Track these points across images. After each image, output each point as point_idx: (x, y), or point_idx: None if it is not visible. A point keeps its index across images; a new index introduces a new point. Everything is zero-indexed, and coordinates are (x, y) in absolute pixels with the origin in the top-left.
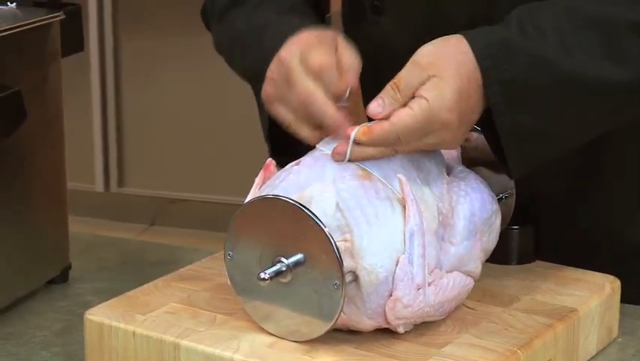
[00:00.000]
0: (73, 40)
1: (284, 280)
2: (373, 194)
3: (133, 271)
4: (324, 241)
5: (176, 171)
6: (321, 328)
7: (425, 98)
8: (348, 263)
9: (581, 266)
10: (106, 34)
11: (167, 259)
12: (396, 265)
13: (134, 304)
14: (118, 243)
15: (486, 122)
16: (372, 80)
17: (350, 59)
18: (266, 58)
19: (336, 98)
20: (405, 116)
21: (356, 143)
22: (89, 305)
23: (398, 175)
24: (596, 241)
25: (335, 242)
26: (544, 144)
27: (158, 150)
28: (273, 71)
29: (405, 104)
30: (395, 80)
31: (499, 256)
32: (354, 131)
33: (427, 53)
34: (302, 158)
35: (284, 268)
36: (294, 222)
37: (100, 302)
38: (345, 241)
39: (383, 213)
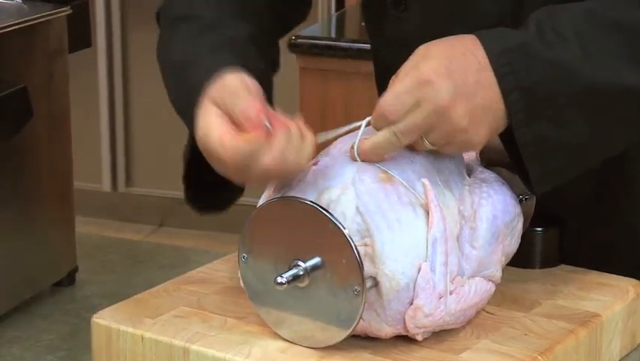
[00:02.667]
0: (80, 35)
1: (301, 285)
2: (395, 198)
3: (141, 273)
4: (345, 245)
5: None
6: (339, 335)
7: (414, 75)
8: (368, 268)
9: (606, 270)
10: (114, 29)
11: (177, 261)
12: (418, 272)
13: (142, 308)
14: (126, 244)
15: (506, 134)
16: (391, 76)
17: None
18: (189, 95)
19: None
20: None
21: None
22: (96, 308)
23: (422, 180)
24: (621, 243)
25: (356, 247)
26: (567, 157)
27: (167, 148)
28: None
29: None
30: (392, 85)
31: (521, 259)
32: (356, 143)
33: (430, 44)
34: (319, 157)
35: (301, 272)
36: (313, 224)
37: (107, 305)
38: (366, 245)
39: (405, 218)
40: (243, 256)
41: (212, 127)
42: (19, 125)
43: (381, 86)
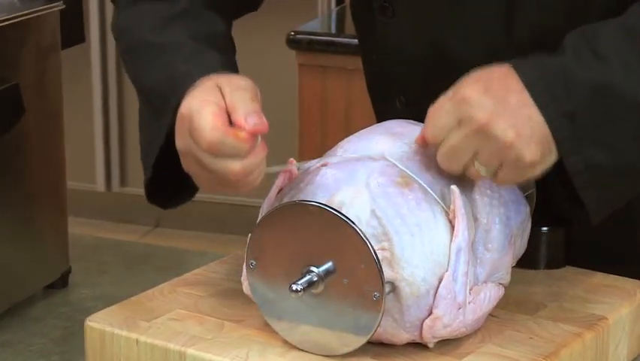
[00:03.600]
0: (74, 31)
1: (315, 291)
2: (414, 203)
3: (136, 275)
4: (363, 249)
5: None
6: (356, 342)
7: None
8: (386, 273)
9: (613, 272)
10: (107, 24)
11: (172, 263)
12: (438, 279)
13: (137, 311)
14: (120, 245)
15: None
16: (382, 81)
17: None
18: (170, 79)
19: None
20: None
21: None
22: (89, 311)
23: (452, 187)
24: (629, 244)
25: (375, 251)
26: (622, 181)
27: None
28: (177, 124)
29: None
30: (431, 116)
31: (525, 259)
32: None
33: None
34: (326, 158)
35: (315, 278)
36: (327, 228)
37: (101, 308)
38: (383, 250)
39: (425, 223)
40: (251, 263)
41: (209, 106)
42: (11, 123)
43: (374, 93)
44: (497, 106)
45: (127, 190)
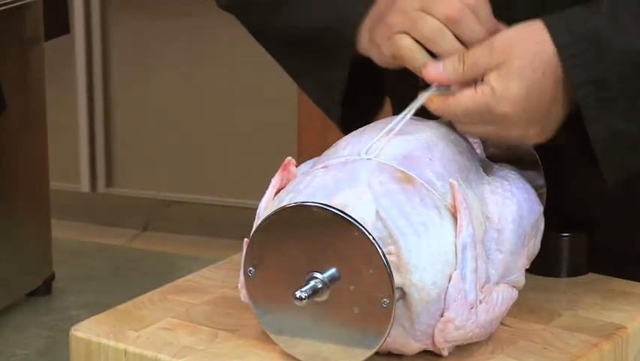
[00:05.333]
0: (58, 21)
1: (319, 300)
2: (418, 200)
3: (124, 281)
4: (371, 252)
5: (172, 169)
6: (363, 353)
7: (491, 86)
8: (394, 278)
9: (636, 278)
10: (93, 15)
11: (163, 269)
12: (449, 280)
13: (125, 319)
14: (107, 250)
15: (574, 123)
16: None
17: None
18: (344, 17)
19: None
20: (466, 99)
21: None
22: (75, 320)
23: (450, 180)
24: None
25: (385, 254)
26: None
27: (151, 145)
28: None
29: (466, 82)
30: (464, 52)
31: (545, 267)
32: (425, 95)
33: (504, 37)
34: (326, 159)
35: (320, 285)
36: (331, 231)
37: (87, 316)
38: (390, 253)
39: (431, 222)
40: (250, 270)
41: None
42: None
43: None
44: (526, 114)
45: (113, 191)
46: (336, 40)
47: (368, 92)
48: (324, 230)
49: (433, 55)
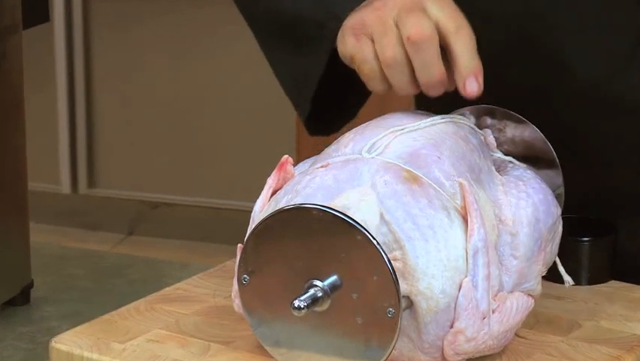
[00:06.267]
0: (37, 9)
1: (319, 309)
2: (425, 202)
3: (108, 290)
4: (375, 258)
5: (159, 168)
6: None
7: None
8: (400, 286)
9: None
10: (74, 1)
11: (150, 276)
12: (459, 288)
13: (110, 331)
14: (89, 256)
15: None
16: None
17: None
18: (330, 8)
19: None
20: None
21: None
22: (55, 331)
23: (459, 180)
24: None
25: (390, 260)
26: None
27: (137, 141)
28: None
29: None
30: None
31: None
32: None
33: None
34: (326, 157)
35: (320, 294)
36: (332, 236)
37: (69, 328)
38: (395, 259)
39: (439, 225)
40: (244, 278)
41: None
42: None
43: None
44: None
45: (96, 192)
46: (319, 32)
47: (346, 96)
48: (324, 234)
49: None
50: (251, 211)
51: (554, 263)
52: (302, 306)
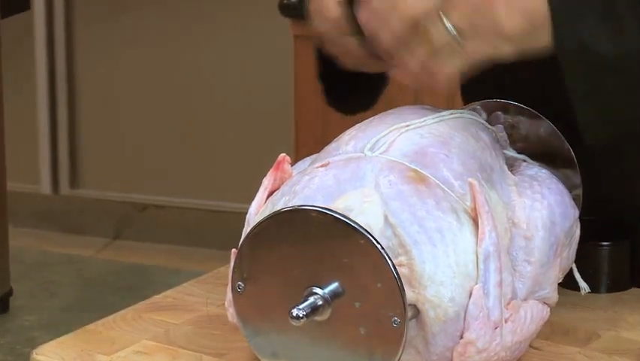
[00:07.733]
0: None
1: (320, 318)
2: (433, 203)
3: (92, 298)
4: (379, 264)
5: (147, 167)
6: None
7: None
8: (406, 294)
9: None
10: None
11: (137, 283)
12: (469, 296)
13: (94, 341)
14: (72, 262)
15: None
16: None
17: None
18: None
19: None
20: None
21: None
22: (36, 342)
23: (470, 180)
24: None
25: (395, 266)
26: (620, 77)
27: (123, 139)
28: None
29: None
30: None
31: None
32: None
33: None
34: (327, 156)
35: (320, 302)
36: (333, 240)
37: (50, 338)
38: (401, 265)
39: (448, 228)
40: (239, 285)
41: None
42: None
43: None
44: None
45: (78, 193)
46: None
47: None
48: (324, 238)
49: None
50: (246, 214)
51: (571, 269)
52: (301, 315)
